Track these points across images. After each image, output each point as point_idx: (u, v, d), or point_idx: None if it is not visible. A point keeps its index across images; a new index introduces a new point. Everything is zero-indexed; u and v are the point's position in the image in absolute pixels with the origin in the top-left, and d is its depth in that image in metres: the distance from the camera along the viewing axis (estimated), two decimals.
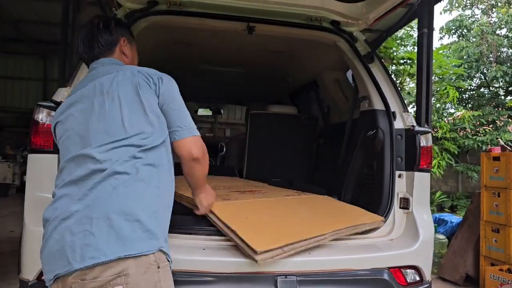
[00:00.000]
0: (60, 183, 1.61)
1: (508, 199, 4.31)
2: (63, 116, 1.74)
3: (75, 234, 1.45)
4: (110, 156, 1.55)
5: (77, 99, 1.73)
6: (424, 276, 2.36)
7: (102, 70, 1.79)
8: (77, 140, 1.64)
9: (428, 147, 2.55)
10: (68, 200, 1.54)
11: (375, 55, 2.85)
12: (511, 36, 14.12)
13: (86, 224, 1.46)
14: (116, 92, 1.67)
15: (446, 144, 10.76)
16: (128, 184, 1.52)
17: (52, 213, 1.56)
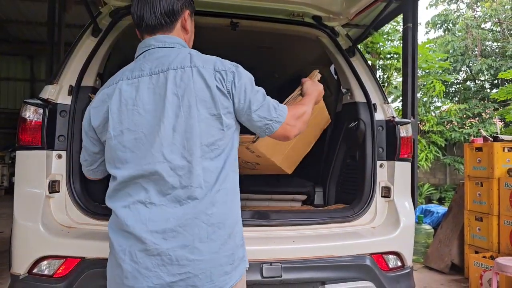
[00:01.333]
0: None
1: (491, 189, 4.43)
2: (114, 103, 1.50)
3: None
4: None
5: (137, 89, 1.49)
6: (405, 262, 2.45)
7: (166, 57, 1.52)
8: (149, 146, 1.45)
9: (408, 137, 2.63)
10: None
11: (356, 49, 2.91)
12: (495, 30, 14.32)
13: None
14: (194, 100, 1.45)
15: (433, 137, 10.92)
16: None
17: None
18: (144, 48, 1.59)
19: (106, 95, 1.54)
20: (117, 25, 2.57)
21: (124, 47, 3.39)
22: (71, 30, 7.79)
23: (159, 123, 1.44)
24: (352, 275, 2.24)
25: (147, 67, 1.51)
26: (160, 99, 1.46)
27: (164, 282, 1.39)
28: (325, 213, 2.52)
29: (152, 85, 1.47)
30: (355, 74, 2.80)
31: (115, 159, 1.51)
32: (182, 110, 1.44)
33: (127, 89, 1.49)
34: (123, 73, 1.55)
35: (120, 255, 1.44)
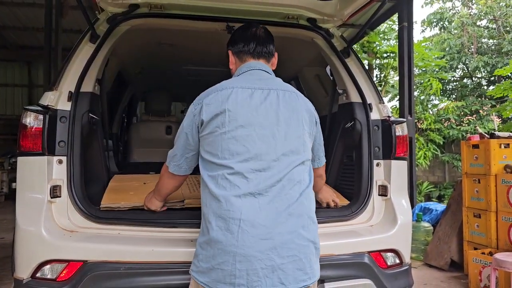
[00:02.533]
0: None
1: (488, 185, 4.46)
2: (231, 102, 1.75)
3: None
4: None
5: (251, 96, 1.78)
6: (403, 259, 2.48)
7: (271, 80, 1.91)
8: (262, 145, 1.72)
9: (403, 136, 2.67)
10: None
11: (351, 50, 2.95)
12: (491, 27, 14.38)
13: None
14: (301, 116, 1.83)
15: (432, 135, 10.97)
16: None
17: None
18: (250, 67, 1.94)
19: (220, 95, 1.76)
20: (114, 31, 2.61)
21: (121, 52, 3.44)
22: (68, 35, 7.83)
23: (274, 127, 1.75)
24: (351, 273, 2.27)
25: (257, 83, 1.82)
26: (271, 108, 1.77)
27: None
28: (324, 212, 2.54)
29: (263, 96, 1.78)
30: (350, 74, 2.83)
31: (224, 150, 1.69)
32: (292, 121, 1.79)
33: (242, 94, 1.76)
34: (236, 82, 1.83)
35: (233, 242, 1.60)
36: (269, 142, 1.71)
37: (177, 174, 1.97)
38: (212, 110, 1.74)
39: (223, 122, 1.71)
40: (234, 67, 2.03)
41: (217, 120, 1.72)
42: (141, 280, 2.03)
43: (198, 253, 1.71)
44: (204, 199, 1.74)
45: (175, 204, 2.41)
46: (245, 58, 1.98)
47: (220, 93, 1.77)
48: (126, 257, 2.06)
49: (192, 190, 2.68)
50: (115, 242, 2.12)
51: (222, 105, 1.73)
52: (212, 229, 1.64)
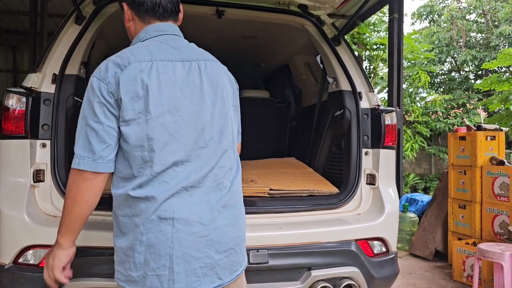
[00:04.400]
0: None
1: (474, 177, 4.51)
2: (153, 82, 1.43)
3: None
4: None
5: (173, 72, 1.49)
6: (389, 247, 2.49)
7: (188, 47, 1.60)
8: (189, 131, 1.48)
9: (392, 125, 2.66)
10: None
11: (342, 38, 2.93)
12: (479, 21, 14.48)
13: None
14: (225, 90, 1.61)
15: (419, 128, 11.05)
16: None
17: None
18: (160, 32, 1.59)
19: (139, 70, 1.42)
20: (101, 12, 2.54)
21: (108, 35, 3.36)
22: (54, 20, 7.66)
23: (200, 109, 1.50)
24: (337, 261, 2.28)
25: (175, 54, 1.52)
26: (195, 87, 1.51)
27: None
28: (311, 200, 2.54)
29: (185, 72, 1.51)
30: (340, 63, 2.81)
31: (152, 140, 1.41)
32: (217, 99, 1.56)
33: (164, 70, 1.47)
34: (151, 52, 1.49)
35: (168, 244, 1.42)
36: (196, 127, 1.48)
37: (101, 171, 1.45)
38: (132, 89, 1.40)
39: (146, 107, 1.40)
40: (133, 27, 1.65)
41: (139, 103, 1.40)
42: None
43: (122, 260, 1.46)
44: (121, 200, 1.46)
45: None
46: (149, 19, 1.61)
47: (138, 65, 1.43)
48: (111, 243, 2.03)
49: None
50: (100, 227, 2.08)
51: (143, 83, 1.41)
52: (140, 233, 1.41)
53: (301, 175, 2.94)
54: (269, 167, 3.19)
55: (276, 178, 2.80)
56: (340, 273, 2.27)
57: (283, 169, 3.15)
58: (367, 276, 2.32)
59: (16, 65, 12.47)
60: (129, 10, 1.63)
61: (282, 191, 2.57)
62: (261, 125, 4.05)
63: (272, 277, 2.18)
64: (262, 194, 2.53)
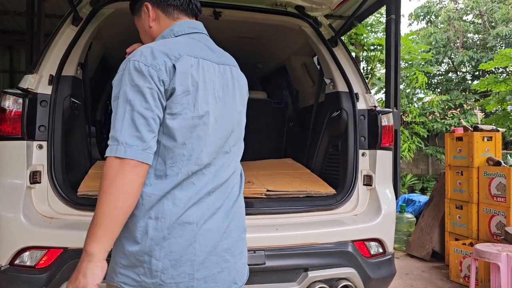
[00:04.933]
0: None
1: (470, 177, 4.53)
2: (201, 79, 1.39)
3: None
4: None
5: (214, 72, 1.46)
6: (386, 248, 2.50)
7: (220, 50, 1.57)
8: (221, 135, 1.46)
9: (389, 126, 2.67)
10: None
11: (338, 39, 2.94)
12: (477, 22, 14.53)
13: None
14: (245, 100, 1.62)
15: (416, 128, 11.06)
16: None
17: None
18: (194, 29, 1.53)
19: (190, 64, 1.37)
20: (98, 13, 2.55)
21: (105, 37, 3.36)
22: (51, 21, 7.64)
23: (231, 114, 1.50)
24: (334, 262, 2.28)
25: (211, 55, 1.48)
26: (228, 91, 1.50)
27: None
28: (308, 201, 2.54)
29: (221, 75, 1.48)
30: (337, 64, 2.82)
31: (194, 139, 1.36)
32: (242, 107, 1.58)
33: (208, 69, 1.43)
34: (194, 49, 1.43)
35: (191, 250, 1.37)
36: (226, 131, 1.47)
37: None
38: (185, 82, 1.34)
39: (194, 103, 1.35)
40: (157, 26, 1.56)
41: (187, 98, 1.34)
42: None
43: (133, 265, 1.32)
44: (145, 199, 1.33)
45: None
46: (176, 14, 1.54)
47: (189, 59, 1.37)
48: None
49: None
50: None
51: (193, 78, 1.36)
52: (163, 237, 1.31)
53: (298, 176, 2.94)
54: (267, 168, 3.20)
55: (273, 179, 2.80)
56: (337, 274, 2.27)
57: (280, 170, 3.16)
58: (364, 277, 2.32)
59: (13, 66, 12.42)
60: (154, 9, 1.55)
61: (279, 192, 2.58)
62: (258, 126, 4.04)
63: (269, 278, 2.18)
64: (259, 195, 2.53)
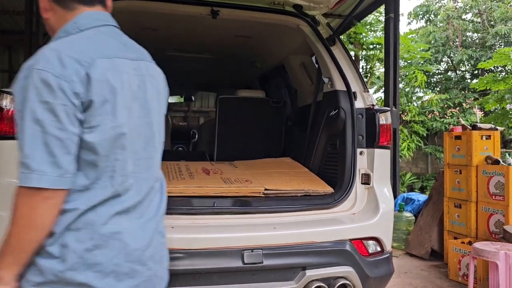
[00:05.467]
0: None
1: (469, 176, 4.52)
2: (117, 83, 1.26)
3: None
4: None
5: (128, 73, 1.32)
6: (384, 247, 2.50)
7: (131, 42, 1.43)
8: (140, 140, 1.36)
9: (387, 125, 2.67)
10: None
11: (336, 38, 2.93)
12: (476, 21, 14.52)
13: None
14: (163, 98, 1.50)
15: (415, 127, 11.08)
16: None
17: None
18: (100, 21, 1.36)
19: (105, 68, 1.23)
20: None
21: None
22: None
23: (148, 116, 1.38)
24: (332, 261, 2.28)
25: (126, 50, 1.35)
26: (144, 91, 1.36)
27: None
28: (306, 200, 2.54)
29: (135, 72, 1.35)
30: (335, 62, 2.82)
31: (117, 149, 1.27)
32: (160, 106, 1.45)
33: (123, 69, 1.29)
34: (106, 47, 1.30)
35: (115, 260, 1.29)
36: (146, 136, 1.37)
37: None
38: (102, 90, 1.21)
39: (114, 112, 1.23)
40: (54, 18, 1.37)
41: (105, 107, 1.22)
42: None
43: (52, 281, 1.19)
44: (67, 215, 1.20)
45: None
46: (72, 5, 1.33)
47: (103, 63, 1.23)
48: None
49: (172, 177, 2.64)
50: None
51: (109, 84, 1.23)
52: (86, 249, 1.20)
53: (296, 175, 2.94)
54: (265, 167, 3.20)
55: (272, 178, 2.80)
56: (335, 273, 2.27)
57: (278, 168, 3.16)
58: (362, 276, 2.32)
59: (12, 65, 12.42)
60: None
61: (277, 191, 2.58)
62: (256, 125, 4.05)
63: (267, 277, 2.18)
64: (257, 194, 2.53)
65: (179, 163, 3.12)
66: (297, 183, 2.72)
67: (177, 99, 7.69)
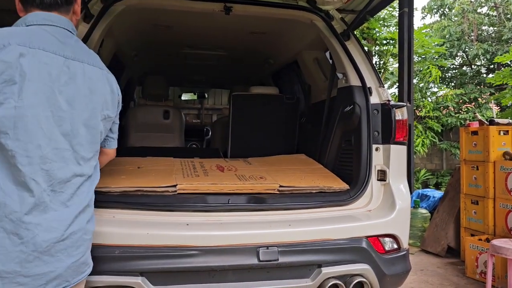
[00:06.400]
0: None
1: (486, 172, 4.45)
2: (32, 71, 1.37)
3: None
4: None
5: (54, 66, 1.44)
6: (401, 244, 2.46)
7: (74, 46, 1.55)
8: (55, 130, 1.46)
9: (403, 120, 2.63)
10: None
11: (351, 33, 2.90)
12: (491, 14, 14.27)
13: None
14: (101, 102, 1.60)
15: (430, 123, 10.92)
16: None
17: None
18: (49, 21, 1.52)
19: (19, 53, 1.35)
20: (109, 10, 2.55)
21: (117, 34, 3.37)
22: None
23: (72, 111, 1.48)
24: (348, 258, 2.25)
25: (61, 48, 1.47)
26: (74, 88, 1.48)
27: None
28: (322, 196, 2.52)
29: (66, 68, 1.47)
30: (350, 58, 2.79)
31: (18, 129, 1.35)
32: (91, 107, 1.55)
33: (46, 61, 1.41)
34: (35, 39, 1.41)
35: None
36: (66, 128, 1.46)
37: None
38: (8, 71, 1.32)
39: (20, 93, 1.34)
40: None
41: (12, 88, 1.33)
42: (136, 263, 2.01)
43: None
44: None
45: (167, 190, 2.37)
46: (30, 8, 1.54)
47: (18, 49, 1.35)
48: (121, 241, 2.03)
49: (186, 174, 2.64)
50: (110, 225, 2.08)
51: (21, 69, 1.34)
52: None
53: (311, 172, 2.92)
54: (279, 164, 3.18)
55: (286, 175, 2.78)
56: (351, 270, 2.25)
57: (292, 165, 3.14)
58: (379, 273, 2.29)
59: None
60: (17, 2, 1.58)
61: (292, 187, 2.56)
62: (270, 122, 4.02)
63: (282, 275, 2.16)
64: (272, 191, 2.51)
65: (193, 160, 3.12)
66: (312, 179, 2.70)
67: (190, 96, 7.69)
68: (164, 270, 2.03)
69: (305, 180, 2.69)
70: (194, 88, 7.34)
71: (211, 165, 2.93)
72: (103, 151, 1.78)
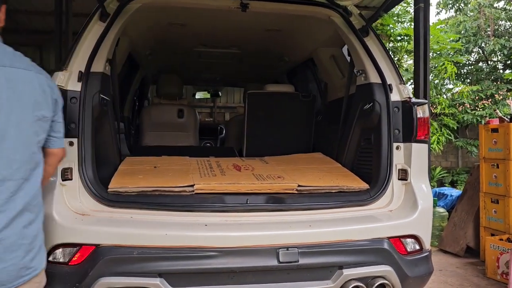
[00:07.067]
0: None
1: (507, 170, 4.35)
2: None
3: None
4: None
5: None
6: (423, 245, 2.41)
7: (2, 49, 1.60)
8: None
9: (425, 118, 2.56)
10: None
11: (370, 29, 2.84)
12: (508, 9, 14.01)
13: None
14: (32, 104, 1.60)
15: (445, 120, 10.75)
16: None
17: None
18: None
19: None
20: (125, 9, 2.53)
21: (132, 32, 3.36)
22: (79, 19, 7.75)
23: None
24: (370, 259, 2.21)
25: None
26: None
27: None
28: (341, 196, 2.47)
29: None
30: (369, 54, 2.73)
31: None
32: (19, 110, 1.53)
33: None
34: None
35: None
36: None
37: None
38: None
39: None
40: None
41: None
42: (155, 265, 1.99)
43: None
44: None
45: (184, 190, 2.34)
46: None
47: None
48: (139, 241, 2.01)
49: (203, 174, 2.61)
50: (128, 226, 2.07)
51: None
52: None
53: (329, 171, 2.87)
54: (296, 163, 3.13)
55: (304, 174, 2.74)
56: (373, 272, 2.20)
57: (310, 164, 3.09)
58: (401, 275, 2.24)
59: (43, 65, 12.67)
60: None
61: (310, 187, 2.51)
62: (286, 120, 3.98)
63: (303, 276, 2.13)
64: (290, 191, 2.47)
65: (210, 159, 3.09)
66: (330, 179, 2.65)
67: (204, 95, 7.68)
68: (182, 272, 2.01)
69: (324, 179, 2.64)
70: (207, 87, 7.33)
71: (227, 164, 2.90)
72: (48, 152, 1.76)
